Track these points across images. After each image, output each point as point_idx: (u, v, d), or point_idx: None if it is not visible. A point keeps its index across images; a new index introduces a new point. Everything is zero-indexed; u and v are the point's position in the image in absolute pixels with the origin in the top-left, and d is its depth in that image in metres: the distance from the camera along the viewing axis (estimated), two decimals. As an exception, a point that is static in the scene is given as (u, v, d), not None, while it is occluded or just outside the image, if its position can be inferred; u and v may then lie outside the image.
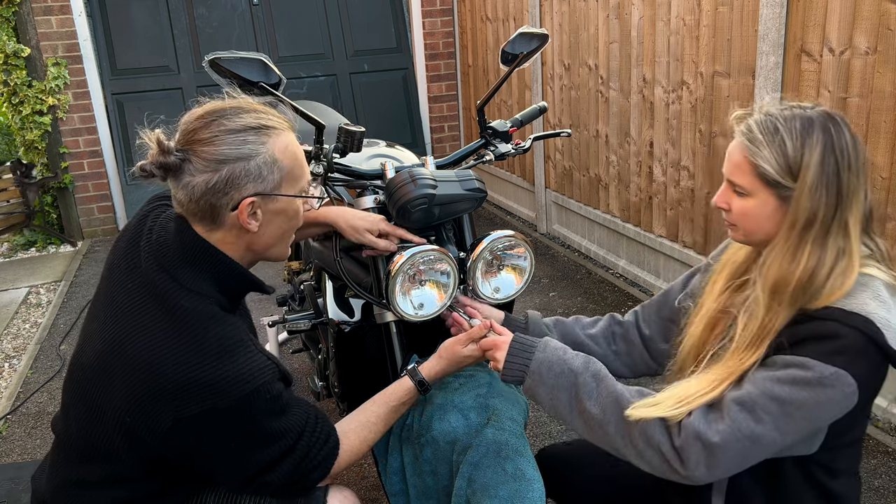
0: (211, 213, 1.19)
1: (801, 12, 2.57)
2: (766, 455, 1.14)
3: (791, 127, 1.13)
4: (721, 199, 1.24)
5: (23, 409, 3.03)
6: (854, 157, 1.13)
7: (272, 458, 1.22)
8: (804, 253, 1.13)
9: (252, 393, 1.16)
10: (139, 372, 1.14)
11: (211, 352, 1.15)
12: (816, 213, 1.12)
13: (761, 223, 1.19)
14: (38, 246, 5.32)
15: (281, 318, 2.10)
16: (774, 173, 1.14)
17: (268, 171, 1.19)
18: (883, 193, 2.38)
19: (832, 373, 1.06)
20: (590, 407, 1.21)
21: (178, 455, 1.20)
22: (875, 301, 1.11)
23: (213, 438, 1.17)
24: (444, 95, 6.13)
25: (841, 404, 1.09)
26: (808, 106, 1.17)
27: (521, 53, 1.82)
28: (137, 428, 1.16)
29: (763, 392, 1.10)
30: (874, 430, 2.47)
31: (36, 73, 5.07)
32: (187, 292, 1.19)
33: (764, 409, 1.09)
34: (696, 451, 1.12)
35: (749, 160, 1.16)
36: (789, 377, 1.09)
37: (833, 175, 1.12)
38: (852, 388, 1.07)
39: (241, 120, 1.19)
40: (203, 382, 1.13)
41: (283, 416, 1.23)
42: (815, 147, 1.12)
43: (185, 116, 1.21)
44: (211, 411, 1.14)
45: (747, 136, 1.17)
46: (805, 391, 1.07)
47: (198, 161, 1.16)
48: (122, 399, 1.16)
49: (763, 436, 1.10)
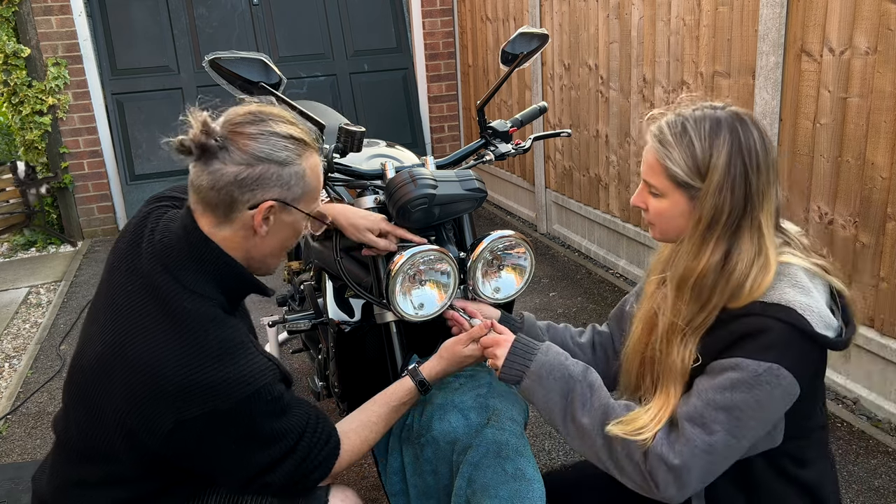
0: (228, 205, 1.20)
1: (801, 12, 2.57)
2: (733, 460, 1.15)
3: (700, 128, 1.15)
4: (638, 199, 1.26)
5: (23, 409, 3.03)
6: (763, 157, 1.15)
7: (273, 459, 1.22)
8: (707, 250, 1.15)
9: (253, 395, 1.16)
10: (139, 374, 1.15)
11: (212, 354, 1.15)
12: (721, 213, 1.14)
13: (675, 222, 1.21)
14: (38, 246, 5.32)
15: (281, 318, 2.10)
16: (684, 175, 1.16)
17: (295, 183, 1.22)
18: (883, 193, 2.38)
19: (766, 369, 1.08)
20: (581, 416, 1.22)
21: (178, 456, 1.20)
22: (793, 289, 1.13)
23: (214, 440, 1.17)
24: (444, 95, 6.13)
25: (784, 397, 1.10)
26: (719, 106, 1.18)
27: (521, 53, 1.82)
28: (138, 430, 1.16)
29: (707, 403, 1.12)
30: (874, 430, 2.47)
31: (36, 73, 5.07)
32: (190, 294, 1.19)
33: (713, 419, 1.11)
34: (662, 474, 1.14)
35: (660, 162, 1.18)
36: (727, 382, 1.11)
37: (740, 177, 1.13)
38: (789, 380, 1.08)
39: (286, 128, 1.22)
40: (204, 384, 1.13)
41: (284, 418, 1.23)
42: (721, 148, 1.13)
43: (231, 109, 1.24)
44: (212, 413, 1.14)
45: (658, 137, 1.19)
46: (745, 393, 1.09)
47: (237, 152, 1.18)
48: (123, 401, 1.16)
49: (720, 445, 1.11)
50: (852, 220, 2.50)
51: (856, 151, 2.45)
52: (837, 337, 1.14)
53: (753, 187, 1.14)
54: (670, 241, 1.27)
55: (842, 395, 2.67)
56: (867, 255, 2.47)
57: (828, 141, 2.54)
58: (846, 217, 2.52)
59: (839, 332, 1.15)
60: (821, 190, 2.60)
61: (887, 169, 2.35)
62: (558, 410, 1.25)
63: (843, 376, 2.68)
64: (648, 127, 1.23)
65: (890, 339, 2.45)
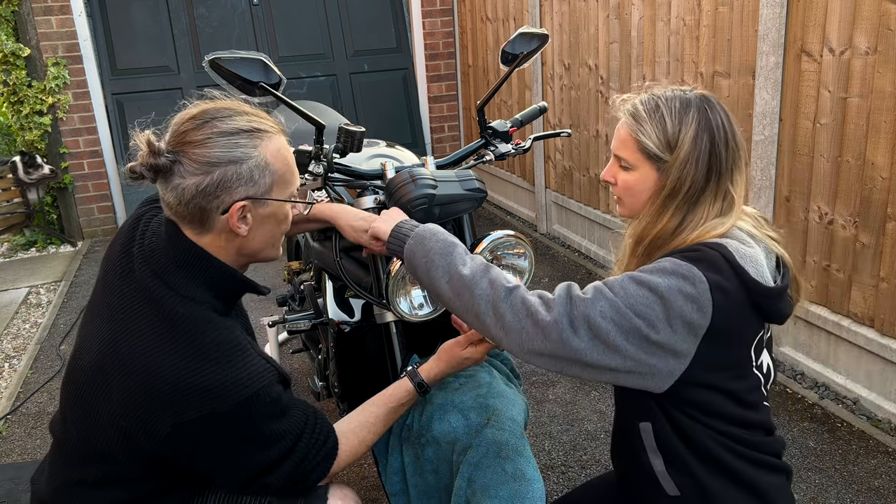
0: (200, 216, 1.18)
1: (801, 12, 2.57)
2: (617, 341, 1.13)
3: (671, 106, 1.25)
4: (608, 173, 1.34)
5: (23, 409, 3.03)
6: (730, 133, 1.25)
7: (272, 461, 1.22)
8: (665, 217, 1.25)
9: (251, 397, 1.16)
10: (136, 375, 1.14)
11: (209, 356, 1.15)
12: (683, 184, 1.23)
13: (642, 196, 1.29)
14: (38, 246, 5.32)
15: (281, 318, 2.10)
16: (655, 147, 1.25)
17: (259, 175, 1.18)
18: (883, 193, 2.37)
19: (687, 267, 1.15)
20: (461, 269, 1.23)
21: (177, 458, 1.20)
22: (735, 241, 1.22)
23: (212, 443, 1.17)
24: (444, 95, 6.13)
25: (693, 299, 1.13)
26: (688, 89, 1.29)
27: (521, 53, 1.82)
28: (135, 433, 1.16)
29: (623, 277, 1.18)
30: (874, 431, 2.47)
31: (36, 73, 5.07)
32: (181, 298, 1.18)
33: (617, 284, 1.17)
34: (543, 313, 1.16)
35: (633, 136, 1.27)
36: (648, 269, 1.19)
37: (705, 152, 1.23)
38: (704, 285, 1.13)
39: (233, 122, 1.17)
40: (202, 387, 1.13)
41: (283, 419, 1.23)
42: (690, 124, 1.23)
43: (176, 117, 1.19)
44: (210, 416, 1.13)
45: (632, 113, 1.28)
46: (660, 277, 1.15)
47: (189, 163, 1.14)
48: (120, 404, 1.16)
49: (608, 302, 1.14)
50: (852, 220, 2.50)
51: (856, 151, 2.45)
52: (770, 289, 1.19)
53: (722, 161, 1.23)
54: (636, 216, 1.34)
55: (842, 395, 2.67)
56: (867, 255, 2.47)
57: (828, 141, 2.54)
58: (846, 217, 2.52)
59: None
60: (821, 190, 2.60)
61: (887, 169, 2.35)
62: (439, 268, 1.25)
63: (843, 376, 2.68)
64: (622, 106, 1.32)
65: (890, 339, 2.45)
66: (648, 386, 1.18)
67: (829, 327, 2.67)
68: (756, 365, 1.26)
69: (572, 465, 2.42)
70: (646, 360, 1.14)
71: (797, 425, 2.55)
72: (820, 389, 2.74)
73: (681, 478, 1.26)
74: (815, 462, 2.35)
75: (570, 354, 1.14)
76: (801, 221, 2.71)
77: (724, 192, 1.24)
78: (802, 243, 2.73)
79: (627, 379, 1.17)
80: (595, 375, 1.17)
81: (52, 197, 5.41)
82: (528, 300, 1.18)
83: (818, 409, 2.63)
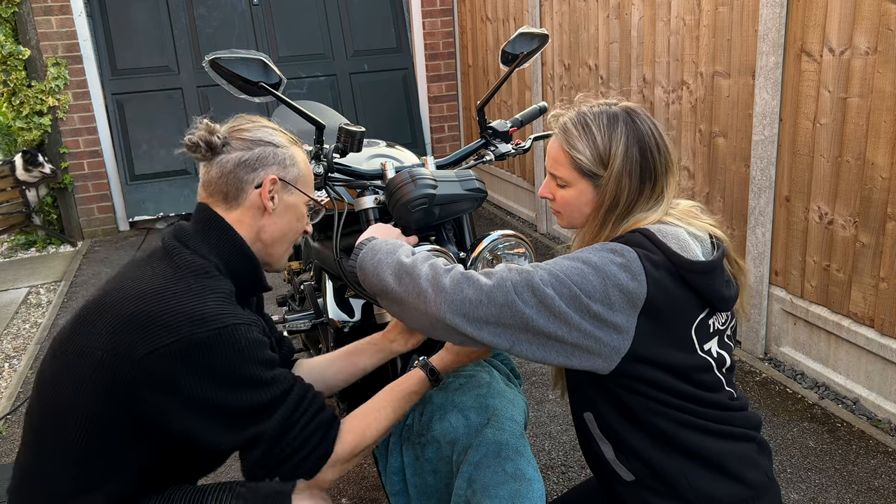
0: (236, 187, 1.33)
1: (801, 12, 2.57)
2: (551, 310, 1.16)
3: (599, 122, 1.30)
4: (545, 190, 1.40)
5: (23, 409, 3.03)
6: (659, 137, 1.30)
7: (261, 401, 1.20)
8: (608, 228, 1.31)
9: (232, 327, 1.18)
10: (128, 299, 1.20)
11: (195, 291, 1.21)
12: (620, 196, 1.28)
13: (580, 210, 1.35)
14: (38, 246, 5.33)
15: (281, 318, 2.10)
16: (589, 164, 1.29)
17: (290, 164, 1.37)
18: (883, 193, 2.38)
19: (613, 244, 1.22)
20: (405, 259, 1.28)
21: (158, 396, 1.17)
22: (655, 224, 1.27)
23: (193, 375, 1.16)
24: (444, 95, 6.13)
25: (626, 268, 1.18)
26: (613, 102, 1.34)
27: (521, 53, 1.82)
28: (111, 360, 1.16)
29: (556, 258, 1.23)
30: (874, 431, 2.47)
31: (36, 73, 5.07)
32: (191, 252, 1.28)
33: (555, 261, 1.22)
34: (502, 272, 1.21)
35: (566, 154, 1.31)
36: (577, 251, 1.24)
37: (636, 163, 1.28)
38: (633, 254, 1.19)
39: (278, 128, 1.40)
40: (183, 312, 1.17)
41: (268, 368, 1.22)
42: (620, 138, 1.28)
43: (233, 120, 1.40)
44: (189, 340, 1.14)
45: (563, 132, 1.32)
46: (591, 253, 1.21)
47: (236, 142, 1.34)
48: (105, 328, 1.19)
49: (541, 273, 1.18)
50: (852, 220, 2.50)
51: (856, 151, 2.45)
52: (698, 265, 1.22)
53: (654, 166, 1.28)
54: (576, 227, 1.40)
55: (842, 395, 2.67)
56: (867, 255, 2.47)
57: (828, 141, 2.54)
58: (846, 217, 2.52)
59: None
60: (821, 190, 2.60)
61: (887, 169, 2.35)
62: (385, 265, 1.28)
63: (843, 376, 2.68)
64: (554, 124, 1.36)
65: (890, 339, 2.45)
66: (596, 365, 1.19)
67: (829, 327, 2.67)
68: (702, 349, 1.26)
69: (572, 465, 2.42)
70: (591, 330, 1.16)
71: (797, 425, 2.55)
72: (820, 389, 2.74)
73: (631, 462, 1.28)
74: (815, 462, 2.35)
75: (517, 320, 1.17)
76: (801, 221, 2.72)
77: (658, 193, 1.30)
78: (802, 243, 2.73)
79: (574, 356, 1.18)
80: (543, 352, 1.18)
81: (52, 197, 5.41)
82: (468, 273, 1.22)
83: (818, 409, 2.63)
